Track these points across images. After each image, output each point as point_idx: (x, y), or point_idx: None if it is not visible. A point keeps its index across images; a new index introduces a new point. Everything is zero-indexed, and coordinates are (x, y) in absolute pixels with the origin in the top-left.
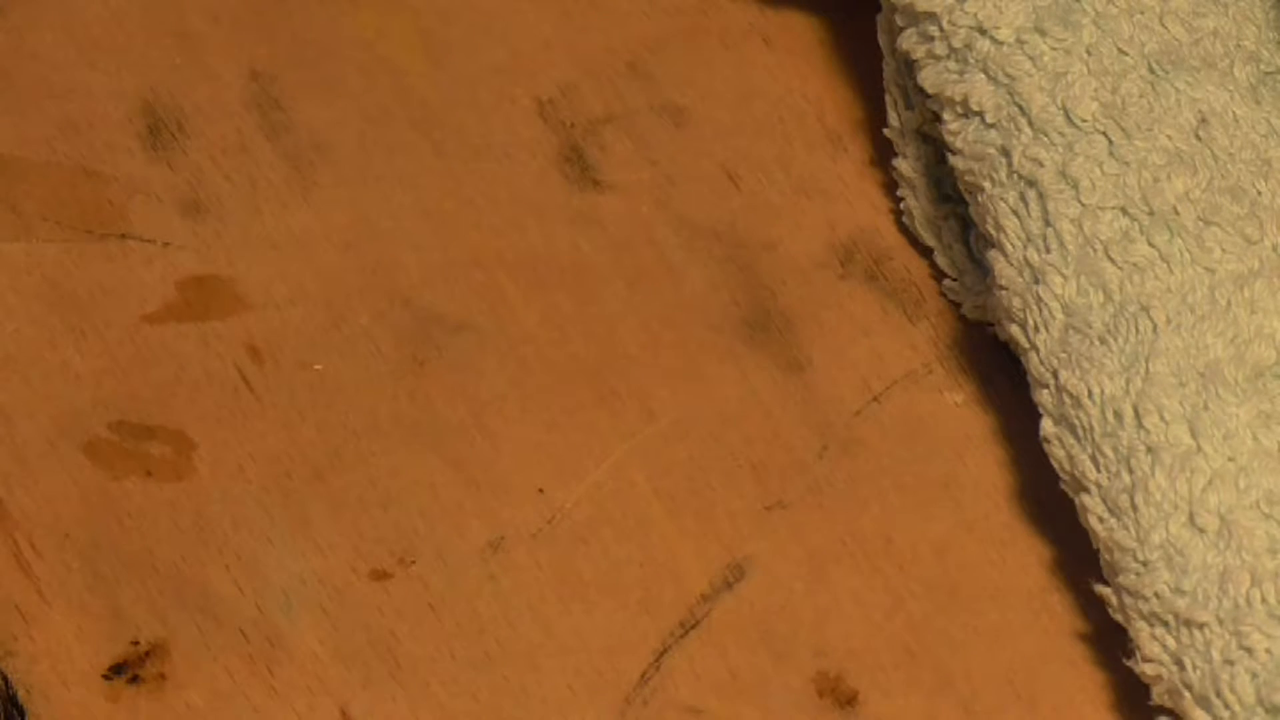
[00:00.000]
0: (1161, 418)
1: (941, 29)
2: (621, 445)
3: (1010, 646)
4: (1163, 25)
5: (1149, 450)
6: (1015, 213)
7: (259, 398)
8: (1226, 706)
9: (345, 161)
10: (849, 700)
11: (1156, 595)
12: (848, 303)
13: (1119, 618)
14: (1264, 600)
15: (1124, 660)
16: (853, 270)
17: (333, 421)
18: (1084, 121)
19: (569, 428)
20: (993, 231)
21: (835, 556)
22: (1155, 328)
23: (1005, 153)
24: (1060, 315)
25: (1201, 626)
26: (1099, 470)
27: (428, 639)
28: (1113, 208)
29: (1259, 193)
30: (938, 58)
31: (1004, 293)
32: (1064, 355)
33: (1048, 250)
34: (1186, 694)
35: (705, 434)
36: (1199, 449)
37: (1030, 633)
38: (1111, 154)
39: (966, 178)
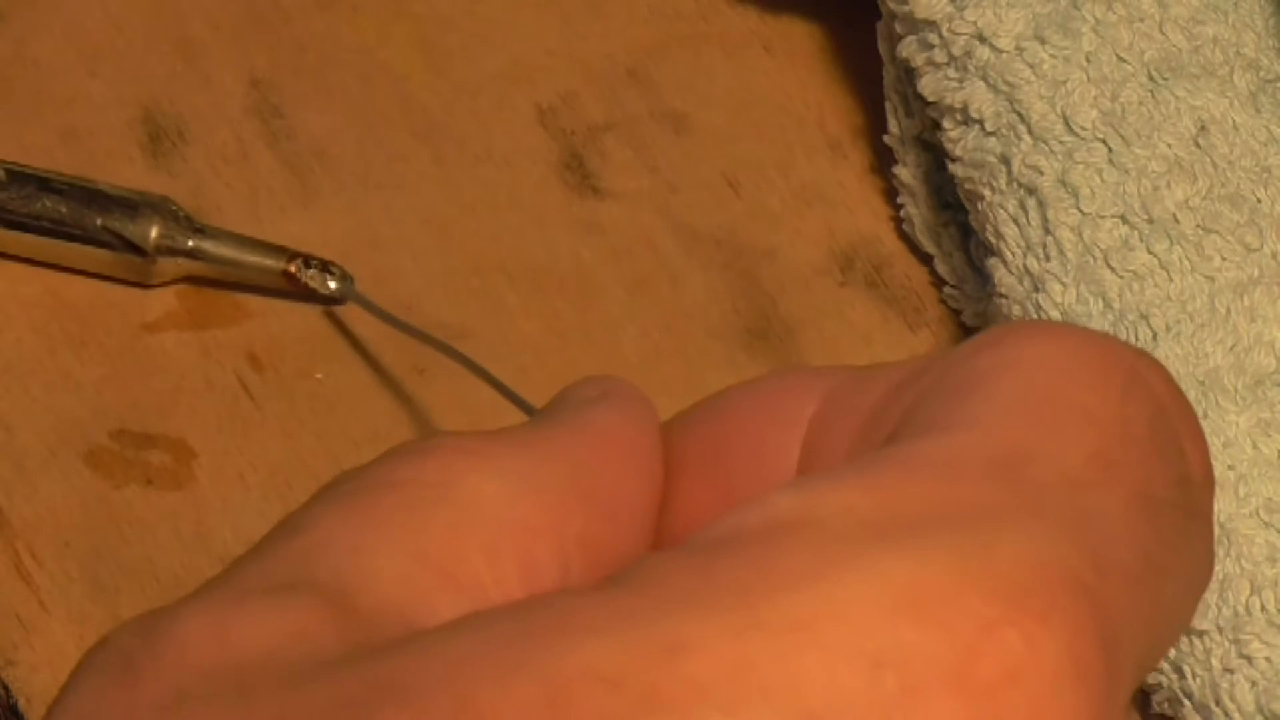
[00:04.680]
0: None
1: (941, 36)
2: None
3: None
4: (1162, 33)
5: None
6: (1015, 220)
7: (259, 406)
8: (1226, 715)
9: (345, 169)
10: None
11: None
12: (848, 310)
13: None
14: (1263, 608)
15: None
16: (853, 277)
17: (333, 430)
18: (1083, 129)
19: None
20: (992, 239)
21: None
22: (1155, 335)
23: (1005, 160)
24: None
25: (1201, 634)
26: None
27: None
28: (1112, 215)
29: (1259, 200)
30: (937, 65)
31: (1004, 300)
32: None
33: (1047, 258)
34: (1186, 702)
35: None
36: None
37: None
38: (1111, 162)
39: (966, 185)
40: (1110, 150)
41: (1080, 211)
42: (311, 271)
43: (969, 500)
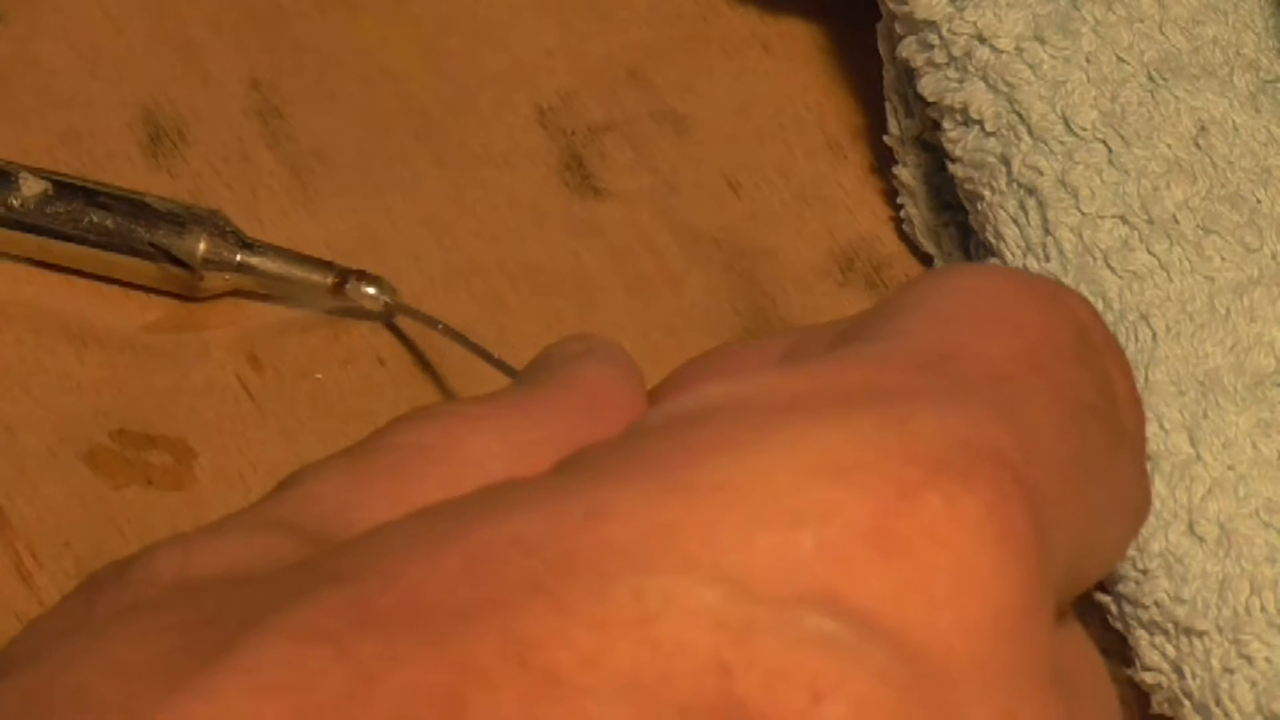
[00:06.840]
0: (1161, 426)
1: (941, 37)
2: None
3: None
4: (1162, 33)
5: (1148, 458)
6: (1015, 221)
7: (260, 406)
8: (1226, 715)
9: (346, 170)
10: None
11: (1156, 603)
12: (848, 310)
13: (1118, 626)
14: (1263, 609)
15: (1124, 668)
16: (853, 278)
17: (333, 430)
18: (1083, 130)
19: None
20: (992, 239)
21: None
22: (1154, 336)
23: (1005, 161)
24: None
25: (1201, 635)
26: None
27: None
28: (1112, 216)
29: (1258, 201)
30: (937, 65)
31: None
32: None
33: (1047, 258)
34: (1186, 702)
35: None
36: (1198, 457)
37: None
38: (1111, 162)
39: (966, 185)
40: (1110, 151)
41: (1080, 212)
42: (360, 286)
43: (893, 384)
